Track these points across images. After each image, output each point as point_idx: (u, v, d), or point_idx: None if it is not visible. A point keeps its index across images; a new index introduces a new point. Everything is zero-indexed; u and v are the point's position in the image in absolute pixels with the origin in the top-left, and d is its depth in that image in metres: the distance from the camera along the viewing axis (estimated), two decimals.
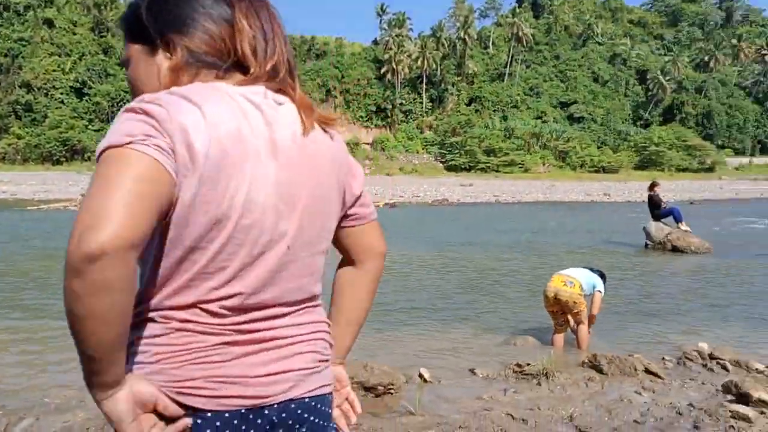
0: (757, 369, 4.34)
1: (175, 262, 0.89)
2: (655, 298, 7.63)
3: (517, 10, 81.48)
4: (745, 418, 3.34)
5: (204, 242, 0.88)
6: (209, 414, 0.89)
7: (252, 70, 0.96)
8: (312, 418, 1.00)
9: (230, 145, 0.87)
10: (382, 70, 72.60)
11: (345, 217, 1.11)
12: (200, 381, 0.89)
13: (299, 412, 0.98)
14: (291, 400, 0.97)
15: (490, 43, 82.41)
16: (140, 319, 0.90)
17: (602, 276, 5.45)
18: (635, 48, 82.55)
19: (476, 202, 31.13)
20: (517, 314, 6.67)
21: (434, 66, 72.28)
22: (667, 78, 73.60)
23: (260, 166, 0.91)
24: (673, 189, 39.74)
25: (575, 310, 5.17)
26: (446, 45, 75.02)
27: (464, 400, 3.92)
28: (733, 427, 3.25)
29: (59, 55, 67.92)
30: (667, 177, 56.12)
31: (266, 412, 0.94)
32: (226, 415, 0.90)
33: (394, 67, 71.42)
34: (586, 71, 78.68)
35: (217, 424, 0.89)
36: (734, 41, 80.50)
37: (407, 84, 74.34)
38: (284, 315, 0.98)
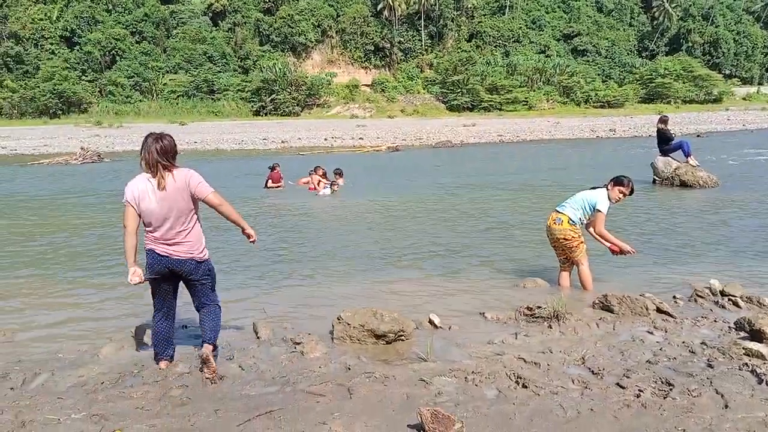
0: None
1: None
2: (664, 235, 7.57)
3: None
4: (759, 355, 3.32)
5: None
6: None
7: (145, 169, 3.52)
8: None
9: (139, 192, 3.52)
10: (379, 7, 70.07)
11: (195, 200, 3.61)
12: None
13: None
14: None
15: None
16: None
17: (616, 181, 5.11)
18: None
19: (480, 142, 30.71)
20: (525, 256, 6.64)
21: (432, 1, 69.67)
22: (673, 5, 70.93)
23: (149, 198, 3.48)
24: (679, 122, 39.10)
25: (569, 246, 5.12)
26: None
27: (475, 345, 3.92)
28: (746, 364, 3.23)
29: (45, 3, 65.70)
30: (674, 109, 55.18)
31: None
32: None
33: (391, 3, 68.88)
34: (590, 0, 75.82)
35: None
36: None
37: (405, 21, 71.90)
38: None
